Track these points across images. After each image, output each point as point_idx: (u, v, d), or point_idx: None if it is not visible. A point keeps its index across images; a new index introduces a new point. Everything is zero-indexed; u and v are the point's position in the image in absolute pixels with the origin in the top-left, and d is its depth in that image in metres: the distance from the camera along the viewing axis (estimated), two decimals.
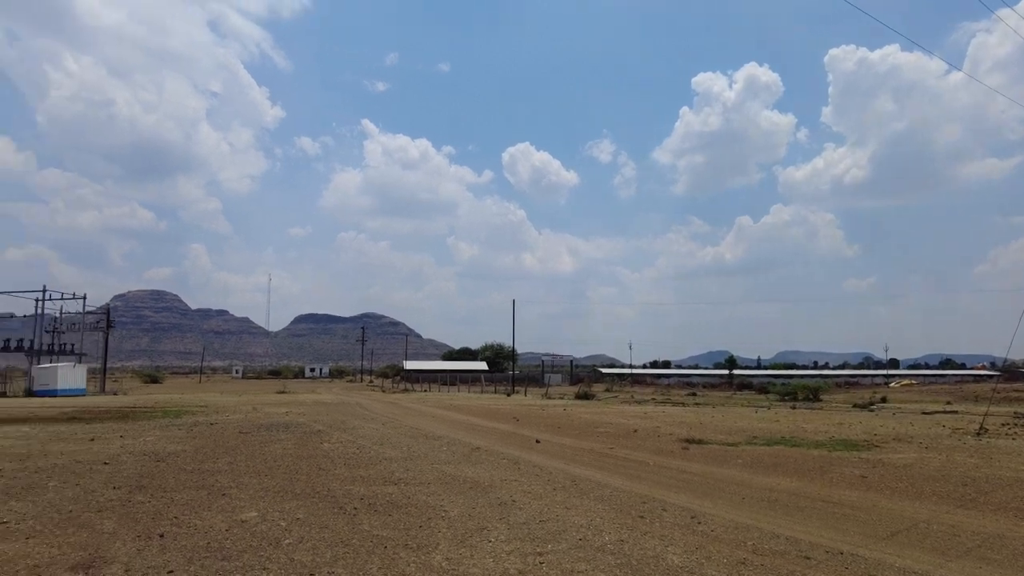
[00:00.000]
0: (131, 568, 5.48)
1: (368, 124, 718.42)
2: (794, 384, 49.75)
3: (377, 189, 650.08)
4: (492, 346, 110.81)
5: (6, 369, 52.76)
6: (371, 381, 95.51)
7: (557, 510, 8.02)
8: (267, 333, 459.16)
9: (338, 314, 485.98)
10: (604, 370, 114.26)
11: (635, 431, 18.81)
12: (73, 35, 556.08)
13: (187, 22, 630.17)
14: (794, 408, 33.39)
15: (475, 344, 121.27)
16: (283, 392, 49.58)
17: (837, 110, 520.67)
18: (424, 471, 10.95)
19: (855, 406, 35.40)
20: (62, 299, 52.85)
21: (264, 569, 5.51)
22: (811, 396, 43.59)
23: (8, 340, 50.16)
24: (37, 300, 50.79)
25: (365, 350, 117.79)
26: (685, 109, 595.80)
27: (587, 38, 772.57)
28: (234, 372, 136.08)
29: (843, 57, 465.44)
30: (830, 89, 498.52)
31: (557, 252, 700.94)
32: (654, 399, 44.85)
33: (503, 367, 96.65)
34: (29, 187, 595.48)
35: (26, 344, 49.79)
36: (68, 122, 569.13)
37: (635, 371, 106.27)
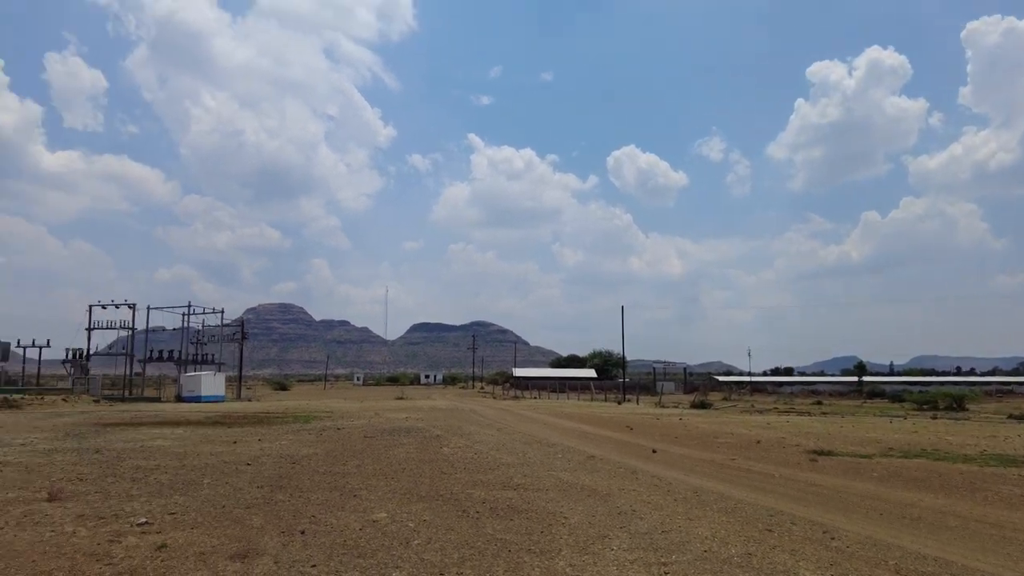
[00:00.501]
0: (280, 561, 5.96)
1: (474, 138, 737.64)
2: (933, 392, 45.82)
3: (484, 201, 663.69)
4: (600, 353, 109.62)
5: (159, 377, 58.74)
6: (482, 388, 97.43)
7: (679, 521, 7.85)
8: (385, 342, 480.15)
9: (450, 323, 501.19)
10: (720, 378, 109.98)
11: (758, 442, 18.02)
12: (210, 74, 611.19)
13: (305, 52, 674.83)
14: (935, 418, 30.70)
15: (582, 351, 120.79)
16: (401, 398, 51.66)
17: (978, 90, 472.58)
18: (541, 477, 11.06)
19: (1011, 417, 32.04)
20: (203, 313, 58.54)
21: (396, 568, 5.81)
22: (955, 405, 39.95)
23: (161, 351, 55.88)
24: (183, 315, 56.49)
25: (475, 357, 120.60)
26: (800, 101, 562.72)
27: (690, 32, 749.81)
28: (355, 379, 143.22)
29: (985, 30, 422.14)
30: (969, 67, 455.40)
31: (666, 255, 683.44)
32: (776, 408, 42.74)
33: (612, 374, 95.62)
34: (175, 213, 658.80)
35: (175, 355, 55.27)
36: (206, 153, 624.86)
37: (754, 379, 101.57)
